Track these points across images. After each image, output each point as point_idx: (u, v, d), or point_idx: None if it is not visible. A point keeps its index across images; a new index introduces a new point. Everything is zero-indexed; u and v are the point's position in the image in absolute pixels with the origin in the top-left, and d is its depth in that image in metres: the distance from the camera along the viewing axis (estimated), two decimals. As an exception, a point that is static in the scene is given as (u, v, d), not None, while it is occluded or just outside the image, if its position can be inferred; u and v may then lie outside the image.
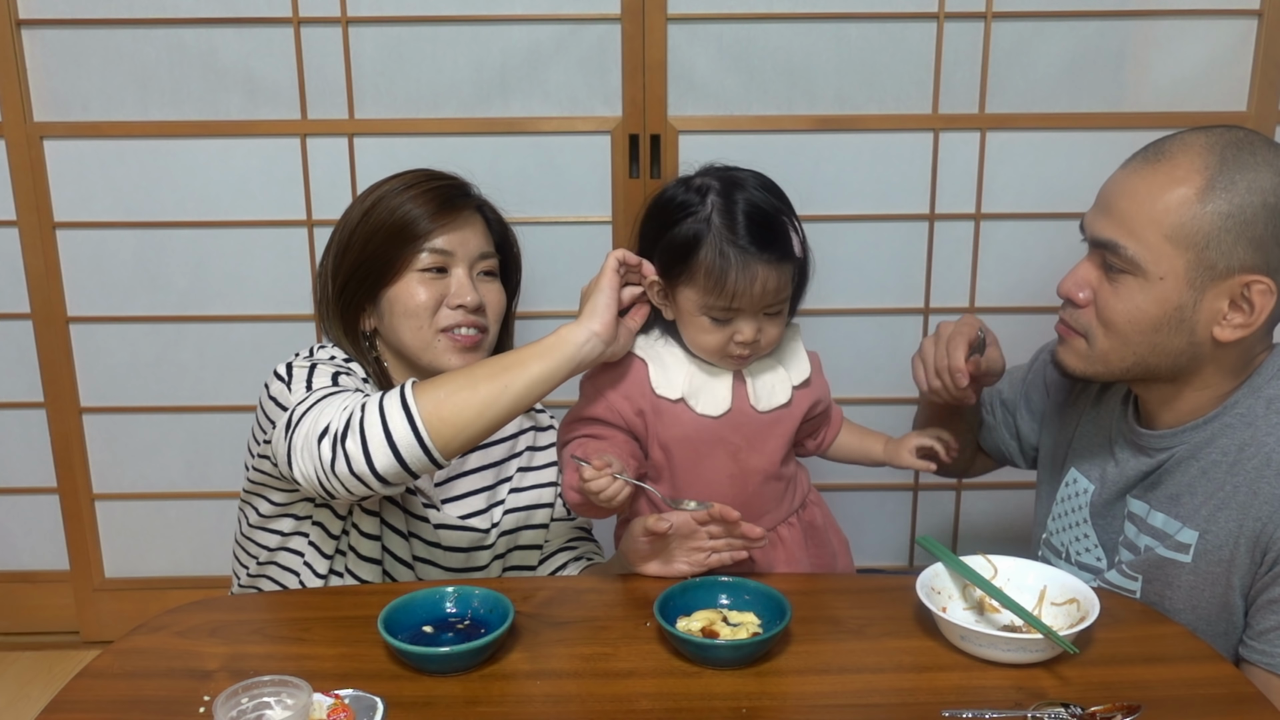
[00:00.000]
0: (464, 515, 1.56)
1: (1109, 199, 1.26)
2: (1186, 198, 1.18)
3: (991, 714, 1.05)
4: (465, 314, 1.48)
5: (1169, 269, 1.20)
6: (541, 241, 2.13)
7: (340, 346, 1.51)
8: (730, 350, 1.35)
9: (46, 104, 2.08)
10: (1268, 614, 1.22)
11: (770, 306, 1.35)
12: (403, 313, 1.48)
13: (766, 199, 1.36)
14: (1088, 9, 2.03)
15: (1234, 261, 1.18)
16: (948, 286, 2.17)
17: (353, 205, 1.55)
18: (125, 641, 1.21)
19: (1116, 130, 2.06)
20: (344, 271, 1.51)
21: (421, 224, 1.47)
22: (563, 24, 2.03)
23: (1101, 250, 1.25)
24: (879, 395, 2.22)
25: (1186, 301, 1.20)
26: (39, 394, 2.22)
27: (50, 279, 2.15)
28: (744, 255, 1.30)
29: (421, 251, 1.47)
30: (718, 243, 1.31)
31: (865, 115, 2.08)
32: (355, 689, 1.08)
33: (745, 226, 1.31)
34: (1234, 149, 1.19)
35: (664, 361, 1.39)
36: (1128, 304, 1.23)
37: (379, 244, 1.48)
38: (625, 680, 1.13)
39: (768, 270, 1.31)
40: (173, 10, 2.02)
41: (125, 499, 2.29)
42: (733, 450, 1.40)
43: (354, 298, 1.50)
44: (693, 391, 1.38)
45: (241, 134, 2.08)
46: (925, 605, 1.17)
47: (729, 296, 1.31)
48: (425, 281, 1.48)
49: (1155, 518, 1.30)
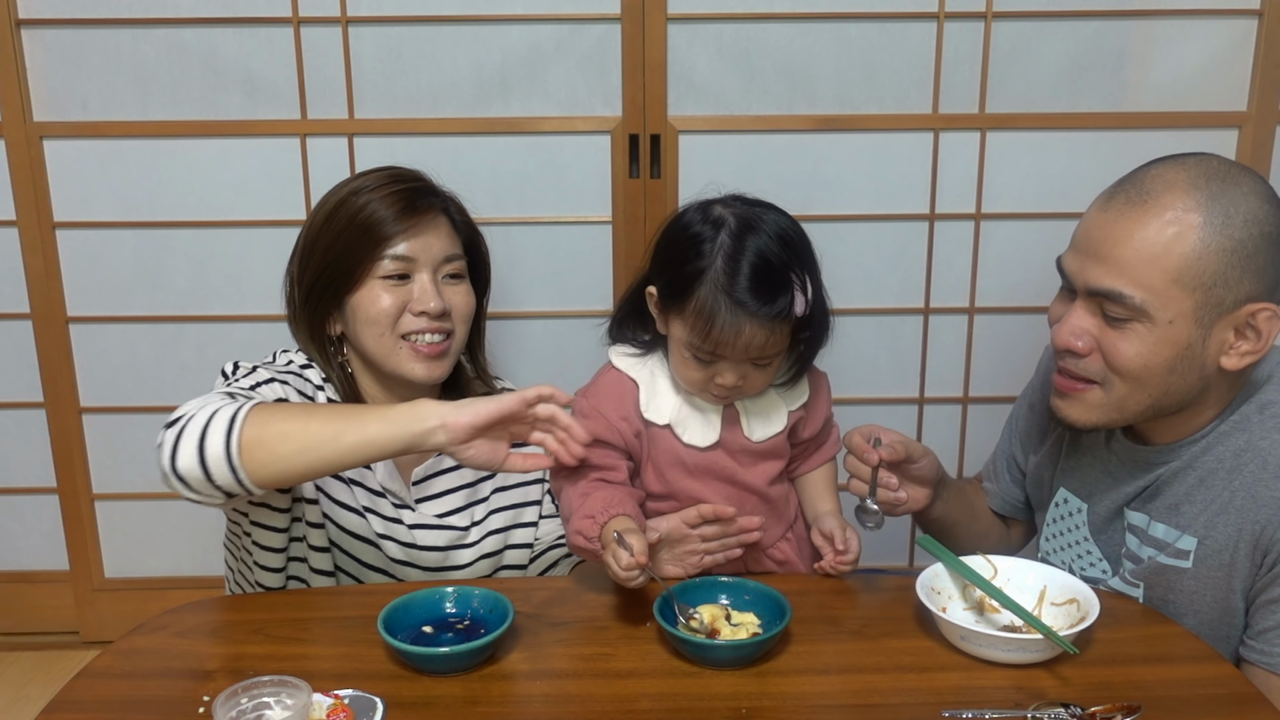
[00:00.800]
0: (441, 514, 1.54)
1: (1099, 245, 1.21)
2: (1188, 239, 1.15)
3: (991, 714, 1.05)
4: (429, 321, 1.45)
5: (1177, 311, 1.17)
6: (541, 241, 2.13)
7: (306, 352, 1.50)
8: (710, 389, 1.33)
9: (46, 104, 2.08)
10: (1267, 614, 1.22)
11: (758, 359, 1.30)
12: (365, 320, 1.45)
13: (778, 252, 1.27)
14: (1088, 9, 2.03)
15: (1240, 294, 1.17)
16: (948, 286, 2.17)
17: (317, 207, 1.52)
18: (125, 641, 1.21)
19: (1116, 130, 2.06)
20: (309, 276, 1.48)
21: (384, 228, 1.44)
22: (563, 24, 2.03)
23: (1099, 299, 1.21)
24: (879, 395, 2.22)
25: (1196, 340, 1.18)
26: (39, 394, 2.22)
27: (50, 279, 2.15)
28: (736, 308, 1.24)
29: (383, 258, 1.44)
30: (713, 289, 1.25)
31: (865, 115, 2.07)
32: (355, 689, 1.08)
33: (745, 277, 1.25)
34: (1218, 182, 1.17)
35: (655, 386, 1.38)
36: (1139, 349, 1.19)
37: (341, 249, 1.45)
38: (625, 680, 1.13)
39: (756, 327, 1.25)
40: (173, 10, 2.02)
41: (125, 499, 2.29)
42: (728, 474, 1.38)
43: (319, 303, 1.48)
44: (680, 420, 1.36)
45: (241, 134, 2.07)
46: (925, 605, 1.17)
47: (713, 344, 1.27)
48: (388, 288, 1.45)
49: (1156, 529, 1.30)
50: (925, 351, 2.21)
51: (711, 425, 1.36)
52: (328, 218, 1.47)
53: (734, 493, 1.38)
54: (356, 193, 1.46)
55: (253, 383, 1.38)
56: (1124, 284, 1.18)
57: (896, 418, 2.25)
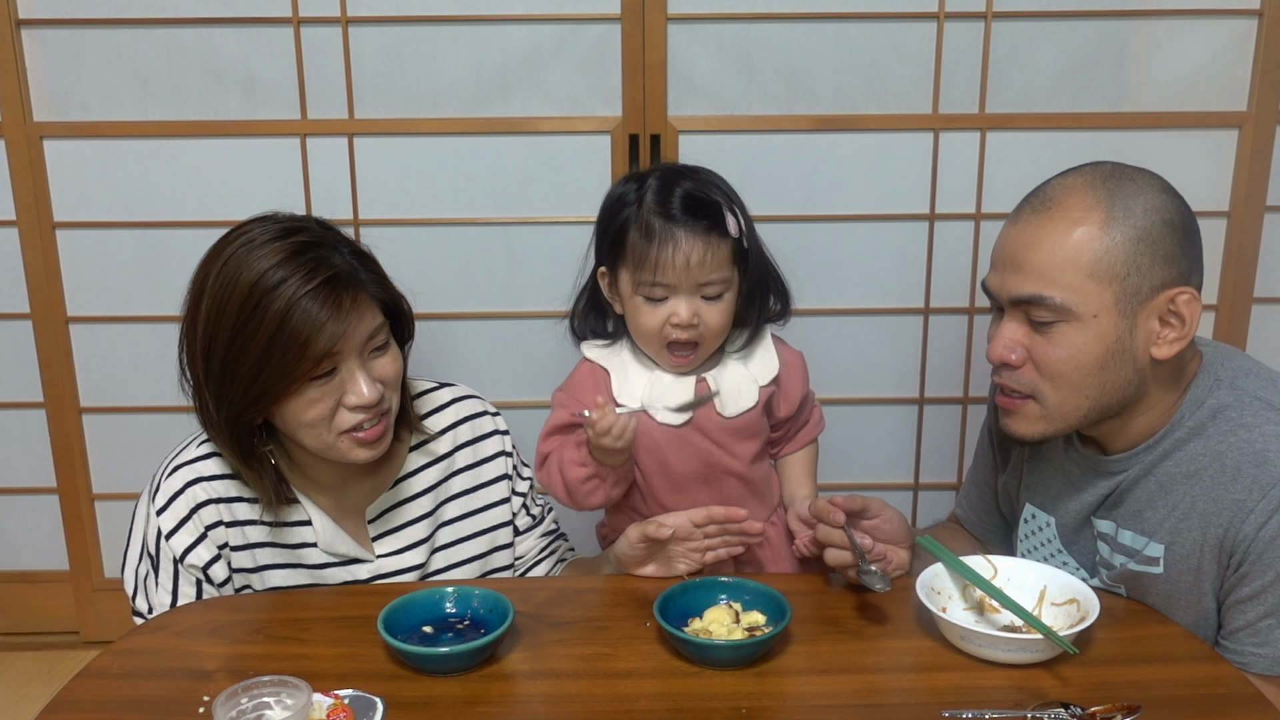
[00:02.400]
0: (402, 548, 1.45)
1: (1013, 256, 1.25)
2: (1093, 234, 1.20)
3: (991, 714, 1.05)
4: (365, 412, 1.31)
5: (1099, 304, 1.21)
6: (541, 241, 2.13)
7: (227, 458, 1.35)
8: (667, 334, 1.35)
9: (46, 104, 2.08)
10: (1236, 614, 1.23)
11: (705, 286, 1.35)
12: (297, 424, 1.30)
13: (702, 184, 1.37)
14: (1088, 9, 2.03)
15: (1155, 280, 1.21)
16: (948, 286, 2.17)
17: (213, 297, 1.27)
18: (125, 641, 1.21)
19: (1116, 130, 2.06)
20: (234, 391, 1.27)
21: (320, 337, 1.24)
22: (563, 24, 2.03)
23: (1024, 307, 1.24)
24: (879, 395, 2.22)
25: (1123, 332, 1.22)
26: (39, 394, 2.22)
27: (50, 279, 2.15)
28: (668, 225, 1.33)
29: (319, 362, 1.26)
30: (646, 215, 1.34)
31: (865, 115, 2.07)
32: (355, 689, 1.08)
33: (675, 198, 1.34)
34: (1115, 180, 1.23)
35: (625, 372, 1.42)
36: (1069, 350, 1.23)
37: (275, 362, 1.25)
38: (625, 680, 1.13)
39: (692, 240, 1.32)
40: (173, 10, 2.02)
41: (125, 499, 2.29)
42: (703, 454, 1.41)
43: (244, 414, 1.30)
44: (651, 401, 1.39)
45: (241, 134, 2.07)
46: (925, 605, 1.17)
47: (653, 268, 1.33)
48: (318, 388, 1.28)
49: (1124, 535, 1.31)
50: (925, 351, 2.21)
51: (683, 401, 1.40)
52: (243, 322, 1.25)
53: (712, 475, 1.42)
54: (270, 292, 1.24)
55: (160, 599, 1.35)
56: (1043, 286, 1.22)
57: (896, 418, 2.25)
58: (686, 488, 1.42)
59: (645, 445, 1.39)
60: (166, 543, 1.34)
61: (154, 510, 1.35)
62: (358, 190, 2.10)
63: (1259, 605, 1.21)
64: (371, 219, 2.11)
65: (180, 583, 1.35)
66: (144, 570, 1.36)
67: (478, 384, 1.58)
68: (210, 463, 1.37)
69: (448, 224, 2.12)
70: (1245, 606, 1.22)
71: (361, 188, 2.11)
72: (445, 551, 1.48)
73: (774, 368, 1.44)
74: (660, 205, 1.34)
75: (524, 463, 1.55)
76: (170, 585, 1.35)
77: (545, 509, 1.58)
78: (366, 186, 2.11)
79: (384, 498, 1.44)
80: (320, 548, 1.40)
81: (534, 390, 2.18)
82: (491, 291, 2.16)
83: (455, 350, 2.18)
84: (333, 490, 1.41)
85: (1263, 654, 1.21)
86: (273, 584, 1.40)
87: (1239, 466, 1.21)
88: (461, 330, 2.17)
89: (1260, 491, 1.19)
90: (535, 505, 1.56)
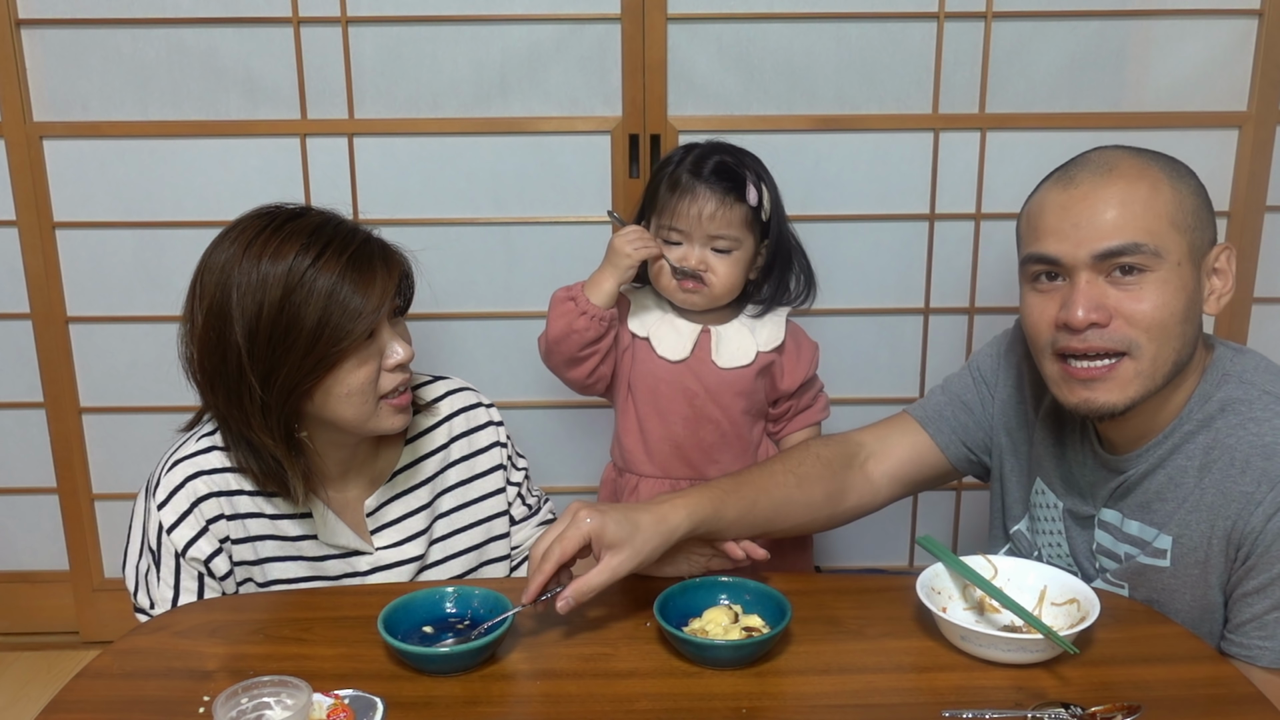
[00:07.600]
0: (401, 540, 1.46)
1: (1089, 216, 1.21)
2: (1168, 187, 1.23)
3: (991, 714, 1.05)
4: (403, 372, 1.36)
5: (1180, 253, 1.23)
6: (541, 241, 2.13)
7: (273, 452, 1.33)
8: (680, 274, 1.56)
9: (46, 104, 2.08)
10: (1242, 608, 1.23)
11: (716, 239, 1.55)
12: (344, 394, 1.31)
13: (738, 158, 1.58)
14: (1088, 9, 2.03)
15: (1209, 235, 1.27)
16: (948, 286, 2.17)
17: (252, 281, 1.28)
18: (125, 641, 1.21)
19: (1116, 130, 2.06)
20: (284, 365, 1.28)
21: (367, 311, 1.28)
22: (563, 24, 2.03)
23: (1111, 260, 1.21)
24: (879, 395, 2.22)
25: (1196, 284, 1.24)
26: (39, 394, 2.22)
27: (50, 279, 2.15)
28: (693, 180, 1.56)
29: (367, 322, 1.29)
30: (677, 173, 1.57)
31: (865, 115, 2.08)
32: (355, 689, 1.08)
33: (706, 164, 1.56)
34: (1149, 153, 1.28)
35: (643, 303, 1.65)
36: (1158, 300, 1.21)
37: (325, 340, 1.27)
38: (625, 680, 1.13)
39: (709, 196, 1.53)
40: (173, 10, 2.02)
41: (125, 499, 2.29)
42: (690, 396, 1.58)
43: (298, 389, 1.30)
44: (657, 334, 1.57)
45: (241, 134, 2.08)
46: (925, 605, 1.17)
47: (671, 214, 1.56)
48: (360, 355, 1.31)
49: (1130, 525, 1.31)
50: (925, 351, 2.21)
51: (685, 341, 1.59)
52: (287, 295, 1.26)
53: (695, 418, 1.58)
54: (308, 269, 1.27)
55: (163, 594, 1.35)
56: (1134, 234, 1.21)
57: (896, 418, 2.25)
58: (669, 422, 1.60)
59: (642, 372, 1.61)
60: (168, 537, 1.34)
61: (154, 505, 1.35)
62: (358, 190, 2.10)
63: (1266, 598, 1.21)
64: (371, 219, 2.11)
65: (182, 577, 1.35)
66: (145, 566, 1.36)
67: (477, 384, 1.57)
68: (211, 456, 1.38)
69: (448, 224, 2.12)
70: (1252, 599, 1.22)
71: (361, 188, 2.11)
72: (442, 543, 1.50)
73: (778, 338, 1.59)
74: (692, 166, 1.56)
75: (519, 454, 1.57)
76: (172, 580, 1.35)
77: (541, 499, 1.59)
78: (366, 186, 2.11)
79: (382, 490, 1.45)
80: (320, 540, 1.41)
81: (534, 390, 2.18)
82: (491, 291, 2.16)
83: (455, 350, 2.18)
84: (334, 483, 1.42)
85: (1269, 647, 1.21)
86: (273, 576, 1.40)
87: (1248, 459, 1.21)
88: (461, 330, 2.17)
89: (1269, 484, 1.19)
90: (531, 495, 1.57)
